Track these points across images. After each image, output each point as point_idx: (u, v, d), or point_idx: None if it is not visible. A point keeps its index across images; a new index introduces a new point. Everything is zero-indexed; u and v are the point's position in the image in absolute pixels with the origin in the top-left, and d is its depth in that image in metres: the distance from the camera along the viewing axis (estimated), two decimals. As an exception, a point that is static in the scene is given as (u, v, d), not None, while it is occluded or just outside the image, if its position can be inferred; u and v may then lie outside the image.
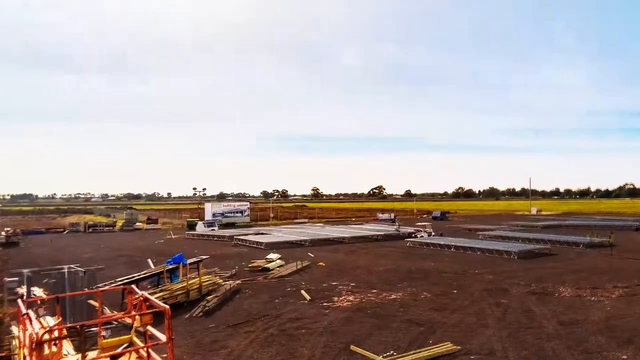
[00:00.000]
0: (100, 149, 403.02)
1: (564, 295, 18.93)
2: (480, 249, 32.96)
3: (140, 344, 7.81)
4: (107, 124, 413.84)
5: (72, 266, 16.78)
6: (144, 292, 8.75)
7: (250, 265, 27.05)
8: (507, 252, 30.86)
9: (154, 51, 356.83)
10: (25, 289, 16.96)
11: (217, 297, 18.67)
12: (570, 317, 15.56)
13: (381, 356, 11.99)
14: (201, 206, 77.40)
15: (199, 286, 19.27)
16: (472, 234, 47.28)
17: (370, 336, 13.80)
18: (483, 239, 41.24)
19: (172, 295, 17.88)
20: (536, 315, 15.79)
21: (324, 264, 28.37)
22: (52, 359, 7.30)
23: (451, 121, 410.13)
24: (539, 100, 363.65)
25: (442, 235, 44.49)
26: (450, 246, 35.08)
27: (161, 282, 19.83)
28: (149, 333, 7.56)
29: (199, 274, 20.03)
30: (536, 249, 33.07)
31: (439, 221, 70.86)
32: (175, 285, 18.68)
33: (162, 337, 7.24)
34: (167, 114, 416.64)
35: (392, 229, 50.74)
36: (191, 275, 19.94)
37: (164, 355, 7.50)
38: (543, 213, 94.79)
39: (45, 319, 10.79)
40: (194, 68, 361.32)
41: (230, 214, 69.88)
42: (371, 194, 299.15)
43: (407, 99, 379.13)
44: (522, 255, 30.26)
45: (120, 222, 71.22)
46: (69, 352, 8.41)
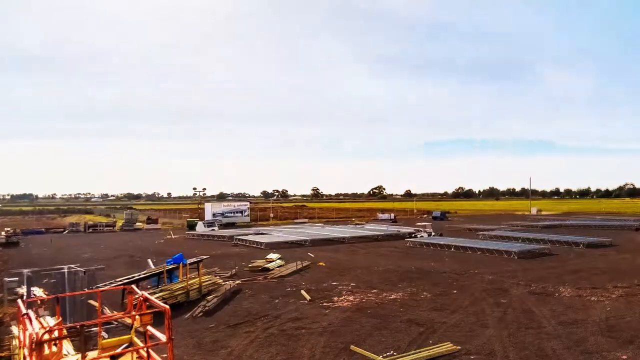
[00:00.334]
0: (100, 149, 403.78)
1: (564, 295, 18.93)
2: (480, 249, 32.97)
3: (140, 344, 7.80)
4: (107, 124, 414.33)
5: (72, 266, 16.78)
6: (144, 292, 8.75)
7: (250, 265, 27.04)
8: (507, 252, 30.86)
9: (154, 52, 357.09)
10: (25, 289, 16.97)
11: (217, 297, 18.66)
12: (570, 317, 15.56)
13: (381, 356, 11.98)
14: (201, 206, 77.38)
15: (199, 286, 19.27)
16: (472, 234, 47.29)
17: (370, 336, 13.80)
18: (483, 239, 41.27)
19: (172, 295, 17.88)
20: (536, 316, 15.78)
21: (324, 263, 28.40)
22: (52, 359, 7.31)
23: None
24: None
25: (442, 235, 44.52)
26: (450, 246, 35.09)
27: (161, 282, 19.83)
28: (149, 333, 7.56)
29: (199, 274, 20.04)
30: (536, 249, 33.07)
31: (439, 221, 70.91)
32: (175, 285, 18.68)
33: (162, 337, 7.24)
34: (166, 114, 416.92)
35: (393, 229, 50.77)
36: (191, 275, 19.94)
37: (164, 355, 7.50)
38: (543, 213, 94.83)
39: (45, 319, 10.79)
40: (195, 69, 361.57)
41: (230, 214, 69.90)
42: (371, 194, 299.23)
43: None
44: (522, 255, 30.26)
45: (120, 222, 71.24)
46: (69, 352, 8.41)
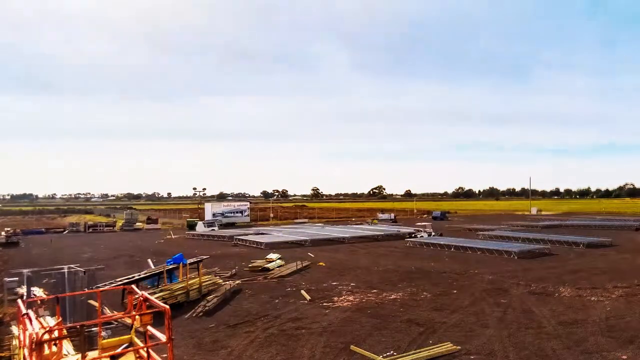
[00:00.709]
0: (100, 149, 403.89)
1: (564, 295, 18.92)
2: (480, 249, 32.96)
3: (141, 344, 7.80)
4: (107, 123, 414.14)
5: (72, 266, 16.76)
6: (144, 292, 8.75)
7: (250, 265, 27.04)
8: (507, 252, 30.85)
9: (155, 53, 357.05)
10: (25, 289, 16.97)
11: (217, 297, 18.66)
12: (570, 317, 15.56)
13: (381, 356, 11.98)
14: (201, 206, 77.37)
15: (199, 286, 19.27)
16: (472, 234, 47.29)
17: (370, 336, 13.80)
18: (483, 239, 41.28)
19: (172, 295, 17.87)
20: (536, 316, 15.78)
21: (324, 263, 28.39)
22: (52, 359, 7.30)
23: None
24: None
25: (442, 235, 44.52)
26: (450, 246, 35.08)
27: (161, 282, 19.82)
28: (149, 333, 7.56)
29: (199, 274, 20.04)
30: (536, 249, 33.07)
31: (439, 221, 70.94)
32: (175, 286, 18.67)
33: (162, 337, 7.24)
34: (167, 112, 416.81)
35: (393, 229, 50.77)
36: (191, 276, 19.94)
37: (164, 355, 7.50)
38: (543, 213, 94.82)
39: (45, 319, 10.79)
40: (195, 69, 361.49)
41: (230, 214, 69.87)
42: (371, 194, 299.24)
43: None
44: (522, 255, 30.25)
45: (120, 222, 71.24)
46: (69, 352, 8.41)
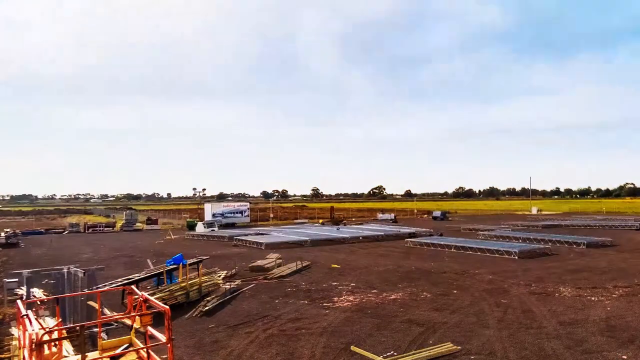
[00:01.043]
0: (100, 149, 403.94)
1: (564, 295, 18.91)
2: (480, 249, 32.95)
3: (140, 344, 7.79)
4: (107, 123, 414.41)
5: (72, 267, 16.73)
6: (143, 293, 8.74)
7: (250, 266, 27.02)
8: (508, 252, 30.85)
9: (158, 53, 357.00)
10: (25, 289, 16.95)
11: (216, 297, 18.65)
12: (570, 317, 15.55)
13: (381, 356, 11.96)
14: (201, 206, 77.37)
15: (199, 287, 19.25)
16: (472, 234, 47.28)
17: (371, 336, 13.78)
18: (483, 239, 41.27)
19: (172, 296, 17.86)
20: (536, 316, 15.77)
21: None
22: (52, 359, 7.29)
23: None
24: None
25: (442, 235, 44.50)
26: (450, 246, 35.07)
27: (161, 282, 19.81)
28: (148, 334, 7.56)
29: (198, 275, 20.02)
30: (536, 248, 33.06)
31: (439, 221, 70.98)
32: (175, 286, 18.66)
33: (162, 338, 7.23)
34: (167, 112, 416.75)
35: (393, 229, 50.72)
36: (191, 276, 19.93)
37: (164, 356, 7.49)
38: (543, 213, 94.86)
39: (45, 319, 10.79)
40: (194, 70, 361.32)
41: (230, 215, 69.81)
42: (371, 194, 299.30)
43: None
44: (523, 255, 30.24)
45: (120, 222, 71.23)
46: (69, 353, 8.40)
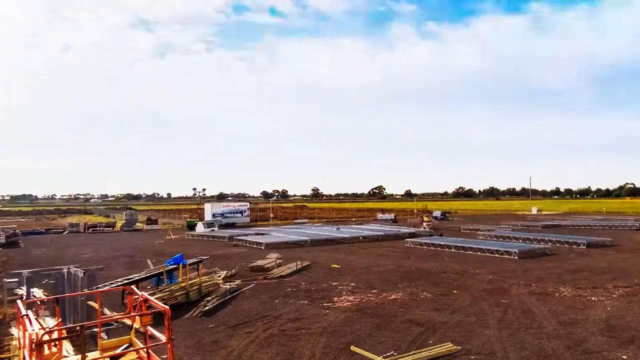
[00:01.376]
0: (100, 149, 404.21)
1: (564, 295, 18.92)
2: (480, 249, 32.95)
3: (140, 344, 7.80)
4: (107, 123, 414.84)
5: (72, 267, 16.74)
6: (143, 293, 8.75)
7: (250, 266, 27.02)
8: (508, 252, 30.85)
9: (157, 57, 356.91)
10: (25, 289, 16.96)
11: (216, 297, 18.65)
12: (570, 317, 15.55)
13: (381, 356, 11.96)
14: (201, 206, 77.37)
15: (199, 287, 19.25)
16: (472, 234, 47.28)
17: (371, 336, 13.78)
18: (483, 239, 41.26)
19: (172, 296, 17.86)
20: (536, 316, 15.77)
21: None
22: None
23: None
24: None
25: (442, 235, 44.50)
26: (450, 246, 35.07)
27: (161, 282, 19.81)
28: (149, 334, 7.56)
29: (199, 275, 20.02)
30: (536, 248, 33.07)
31: (439, 221, 70.97)
32: (175, 286, 18.66)
33: (162, 338, 7.24)
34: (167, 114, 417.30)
35: (393, 229, 50.72)
36: (191, 276, 19.93)
37: (164, 356, 7.50)
38: (543, 213, 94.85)
39: (45, 319, 10.79)
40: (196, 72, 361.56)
41: (230, 215, 69.78)
42: (371, 194, 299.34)
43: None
44: (523, 255, 30.23)
45: (120, 222, 71.20)
46: (69, 353, 8.40)
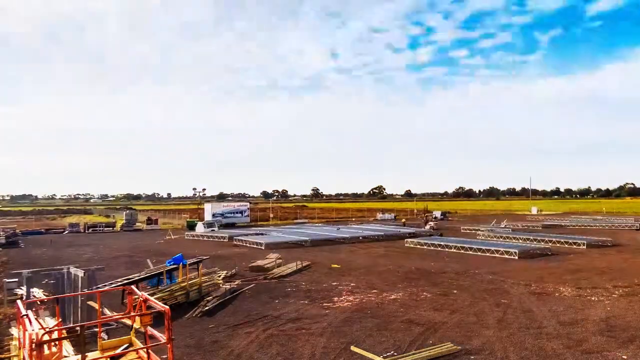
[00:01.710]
0: (100, 149, 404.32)
1: (564, 295, 18.92)
2: (480, 248, 32.95)
3: (140, 344, 7.80)
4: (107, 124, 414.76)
5: (72, 267, 16.75)
6: (143, 293, 8.75)
7: (250, 266, 27.03)
8: (508, 252, 30.85)
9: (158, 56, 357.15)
10: (25, 289, 16.97)
11: (216, 297, 18.65)
12: (570, 317, 15.55)
13: (381, 356, 11.96)
14: (201, 207, 77.37)
15: (199, 287, 19.25)
16: (472, 233, 47.29)
17: (371, 336, 13.78)
18: (483, 239, 41.26)
19: (172, 296, 17.86)
20: (536, 315, 15.77)
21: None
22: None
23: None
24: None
25: (442, 235, 44.51)
26: (450, 246, 35.07)
27: (161, 282, 19.80)
28: (148, 334, 7.56)
29: (199, 275, 20.02)
30: (536, 248, 33.07)
31: (439, 221, 70.99)
32: (175, 286, 18.66)
33: (162, 338, 7.24)
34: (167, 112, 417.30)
35: (393, 229, 50.71)
36: (191, 276, 19.92)
37: (164, 356, 7.49)
38: (543, 213, 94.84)
39: (45, 319, 10.79)
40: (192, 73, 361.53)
41: (230, 215, 69.80)
42: (371, 194, 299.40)
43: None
44: (523, 255, 30.24)
45: (120, 222, 71.20)
46: (69, 353, 8.40)
